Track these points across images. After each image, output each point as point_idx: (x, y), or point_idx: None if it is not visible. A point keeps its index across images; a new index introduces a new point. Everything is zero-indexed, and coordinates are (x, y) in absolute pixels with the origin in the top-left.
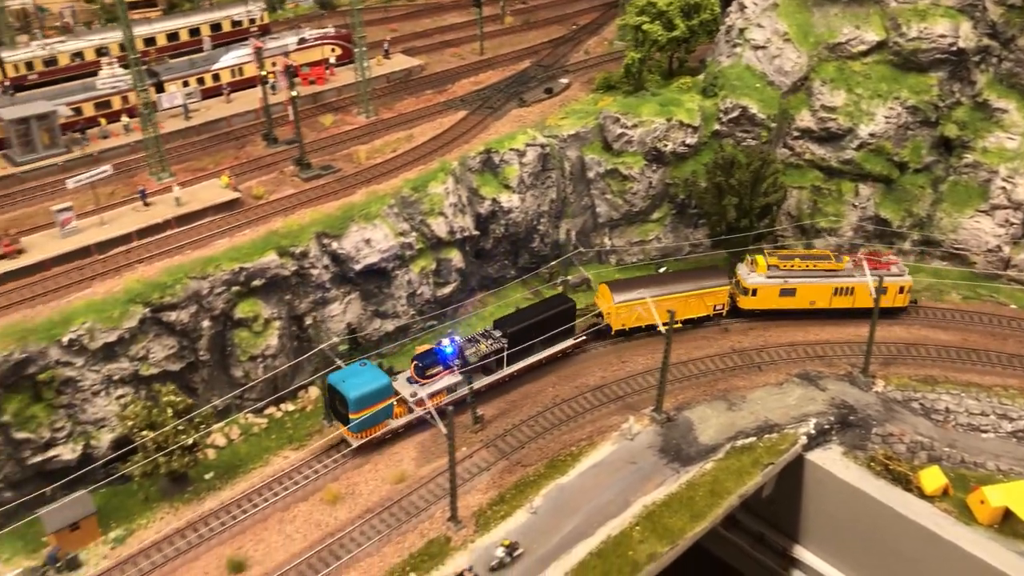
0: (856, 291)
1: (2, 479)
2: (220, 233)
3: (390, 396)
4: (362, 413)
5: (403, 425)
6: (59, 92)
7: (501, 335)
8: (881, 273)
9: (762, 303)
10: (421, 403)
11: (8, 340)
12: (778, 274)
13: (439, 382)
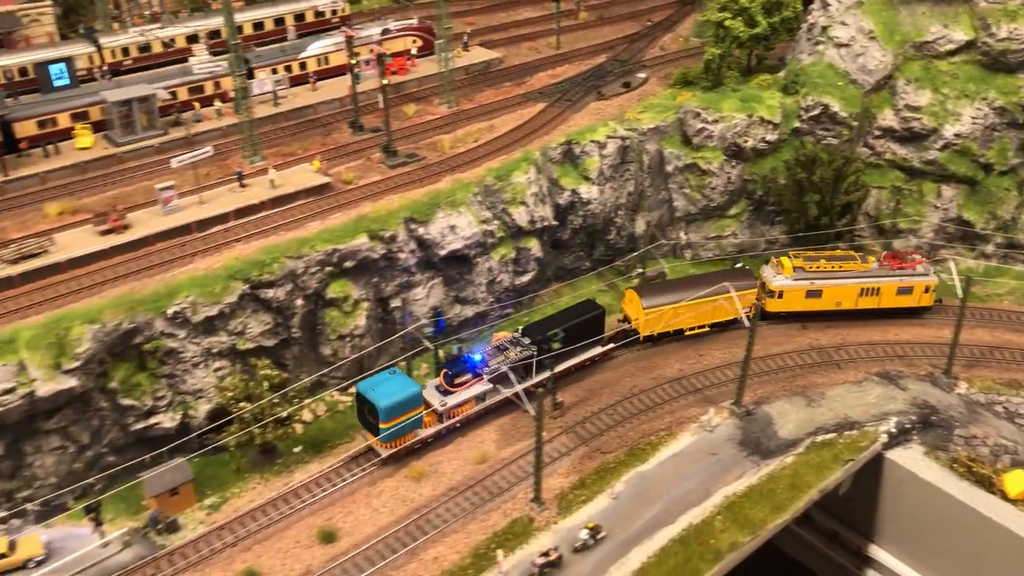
0: (882, 291)
1: (107, 444)
2: (312, 216)
3: (420, 405)
4: (392, 423)
5: (432, 435)
6: (153, 77)
7: (531, 342)
8: (907, 273)
9: (788, 305)
10: (451, 413)
11: (118, 310)
12: (804, 276)
13: (468, 391)
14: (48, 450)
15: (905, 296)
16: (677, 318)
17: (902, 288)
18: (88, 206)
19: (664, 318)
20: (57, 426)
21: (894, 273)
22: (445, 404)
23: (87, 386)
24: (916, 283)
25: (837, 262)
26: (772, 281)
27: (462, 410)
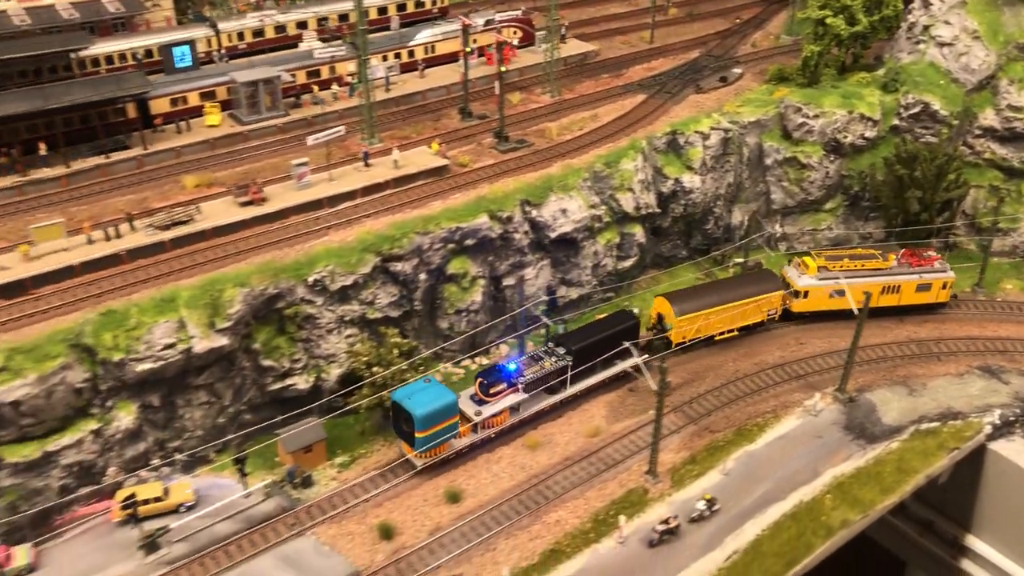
0: (902, 288)
1: (246, 402)
2: (434, 195)
3: (456, 414)
4: (428, 432)
5: (467, 446)
6: (268, 60)
7: (565, 352)
8: (926, 270)
9: (813, 305)
10: (486, 423)
11: (264, 276)
12: (828, 275)
13: (503, 401)
14: (197, 404)
15: (923, 293)
16: (708, 324)
17: (921, 285)
18: (221, 180)
19: (695, 324)
20: (205, 382)
21: (914, 270)
22: (480, 414)
23: (234, 346)
24: (935, 280)
25: (859, 260)
26: (797, 281)
27: (497, 420)
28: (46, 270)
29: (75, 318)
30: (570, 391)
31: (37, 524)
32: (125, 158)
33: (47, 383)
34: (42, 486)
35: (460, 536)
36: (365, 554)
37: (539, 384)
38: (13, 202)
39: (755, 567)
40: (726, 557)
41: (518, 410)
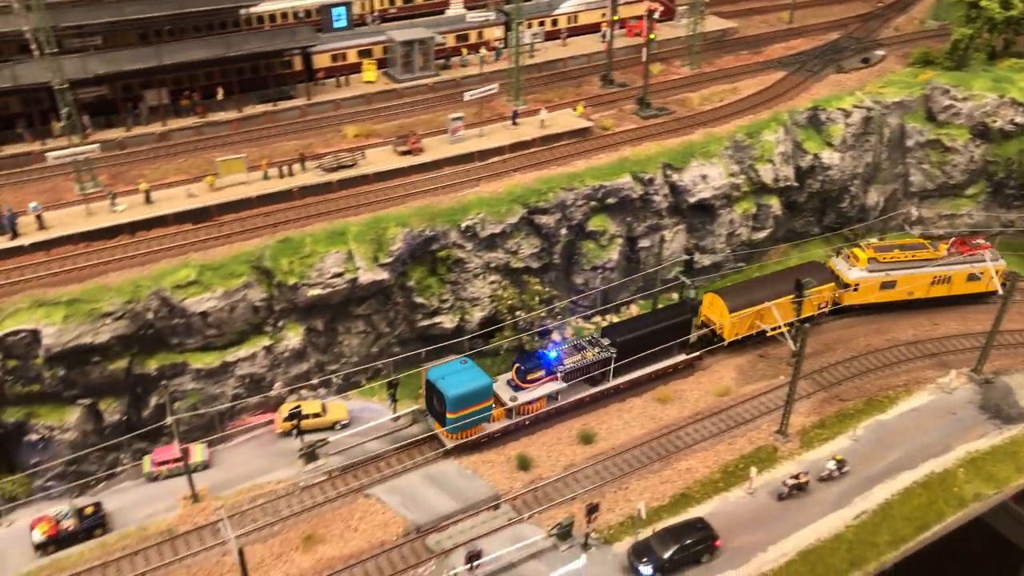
0: (953, 278)
1: (396, 335)
2: (578, 155)
3: (489, 398)
4: (460, 413)
5: (499, 431)
6: (419, 24)
7: (610, 343)
8: (977, 258)
9: (863, 297)
10: (520, 409)
11: (421, 219)
12: (879, 267)
13: (540, 388)
14: (355, 332)
15: (974, 282)
16: (761, 319)
17: (972, 275)
18: (378, 131)
19: (747, 320)
20: (364, 313)
21: (965, 259)
22: (515, 399)
23: (391, 282)
24: (985, 268)
25: (910, 251)
26: (848, 274)
27: (533, 408)
28: (228, 200)
29: (256, 243)
30: (613, 383)
31: (211, 427)
32: (290, 107)
33: (231, 298)
34: (218, 393)
35: (594, 473)
36: (504, 480)
37: (579, 374)
38: (193, 140)
39: (884, 528)
40: (855, 515)
41: (556, 398)
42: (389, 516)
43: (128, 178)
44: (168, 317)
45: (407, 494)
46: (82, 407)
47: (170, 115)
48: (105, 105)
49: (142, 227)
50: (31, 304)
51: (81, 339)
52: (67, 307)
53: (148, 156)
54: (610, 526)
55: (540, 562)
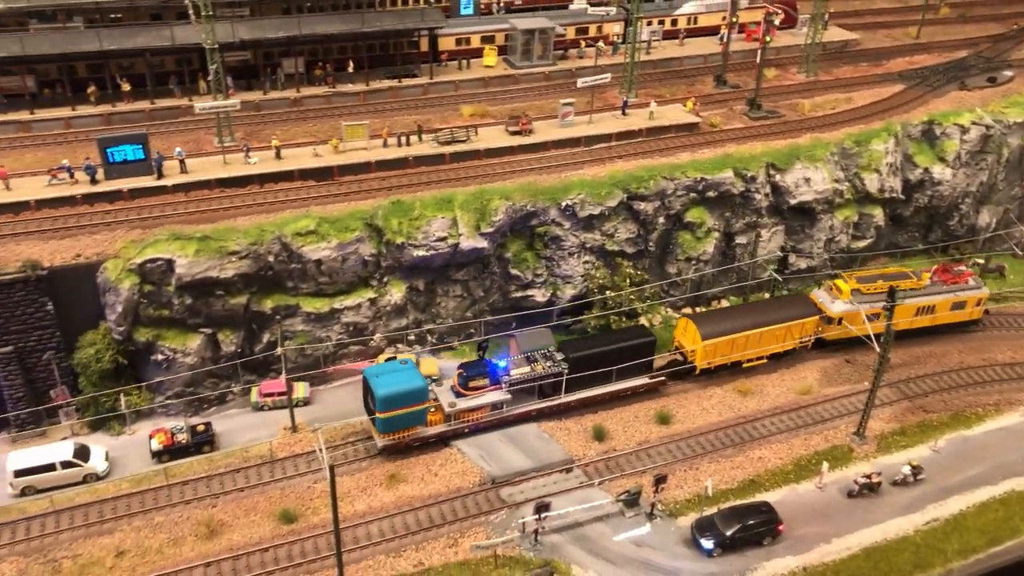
0: (937, 307)
1: (489, 303)
2: (683, 147)
3: (424, 401)
4: (390, 413)
5: (435, 436)
6: (543, 16)
7: (563, 359)
8: (960, 287)
9: (848, 331)
10: (460, 415)
11: (523, 195)
12: (863, 299)
13: (482, 397)
14: (452, 296)
15: (958, 311)
16: (735, 349)
17: (956, 303)
18: (492, 112)
19: (721, 349)
20: (462, 278)
21: (949, 288)
22: (454, 406)
23: (490, 251)
24: (969, 297)
25: (893, 281)
26: (831, 307)
27: (473, 416)
28: (349, 162)
29: (370, 203)
30: (565, 399)
31: (314, 368)
32: (413, 84)
33: (344, 250)
34: (324, 336)
35: (666, 451)
36: (579, 448)
37: (525, 387)
38: (322, 108)
39: (955, 537)
40: (926, 521)
41: (501, 408)
42: (468, 466)
43: (261, 136)
44: (287, 261)
45: (486, 448)
46: (203, 335)
47: (303, 83)
48: (247, 70)
49: (270, 179)
50: (169, 237)
51: (209, 272)
52: (199, 243)
53: (281, 119)
54: (676, 501)
55: (605, 525)
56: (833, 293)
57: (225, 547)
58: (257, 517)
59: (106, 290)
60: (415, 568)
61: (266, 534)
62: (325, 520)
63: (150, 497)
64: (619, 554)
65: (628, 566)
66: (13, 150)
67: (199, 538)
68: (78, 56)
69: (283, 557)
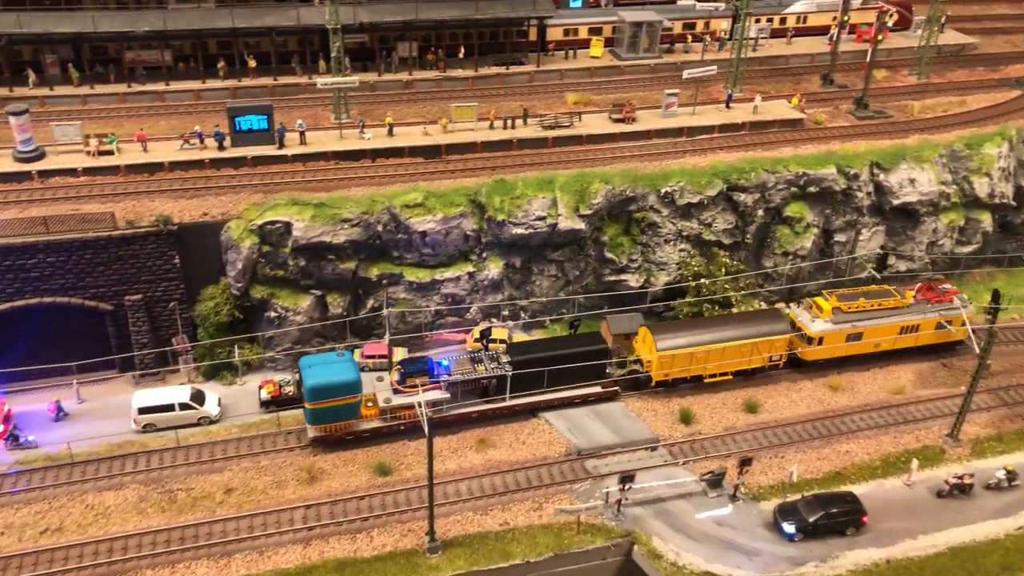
0: (921, 327)
1: (583, 285)
2: (786, 142)
3: (356, 395)
4: (319, 404)
5: (370, 431)
6: (651, 10)
7: (508, 361)
8: (945, 306)
9: (828, 352)
10: (397, 412)
11: (623, 180)
12: (844, 318)
13: (420, 395)
14: (546, 275)
15: (943, 331)
16: (696, 362)
17: (941, 323)
18: (595, 101)
19: (680, 362)
20: (558, 259)
21: (933, 307)
22: (389, 401)
23: (587, 233)
24: (954, 316)
25: (875, 299)
26: (811, 326)
27: (411, 413)
28: (456, 142)
29: (475, 181)
30: (511, 402)
31: (412, 334)
32: (520, 72)
33: (448, 224)
34: (423, 306)
35: (752, 438)
36: (664, 428)
37: (467, 387)
38: (431, 91)
39: None
40: (1018, 526)
41: (441, 407)
42: (554, 437)
43: (374, 115)
44: (394, 231)
45: (573, 422)
46: (313, 296)
47: (415, 67)
48: (363, 52)
49: (382, 155)
50: (288, 202)
51: (322, 237)
52: (315, 209)
53: (392, 99)
54: (760, 486)
55: (687, 503)
56: (813, 311)
57: (324, 492)
58: (354, 468)
59: (228, 248)
60: (500, 526)
61: (362, 484)
62: (418, 475)
63: (258, 442)
64: (700, 531)
65: (708, 542)
66: (150, 117)
67: (300, 482)
68: (211, 33)
69: (377, 506)
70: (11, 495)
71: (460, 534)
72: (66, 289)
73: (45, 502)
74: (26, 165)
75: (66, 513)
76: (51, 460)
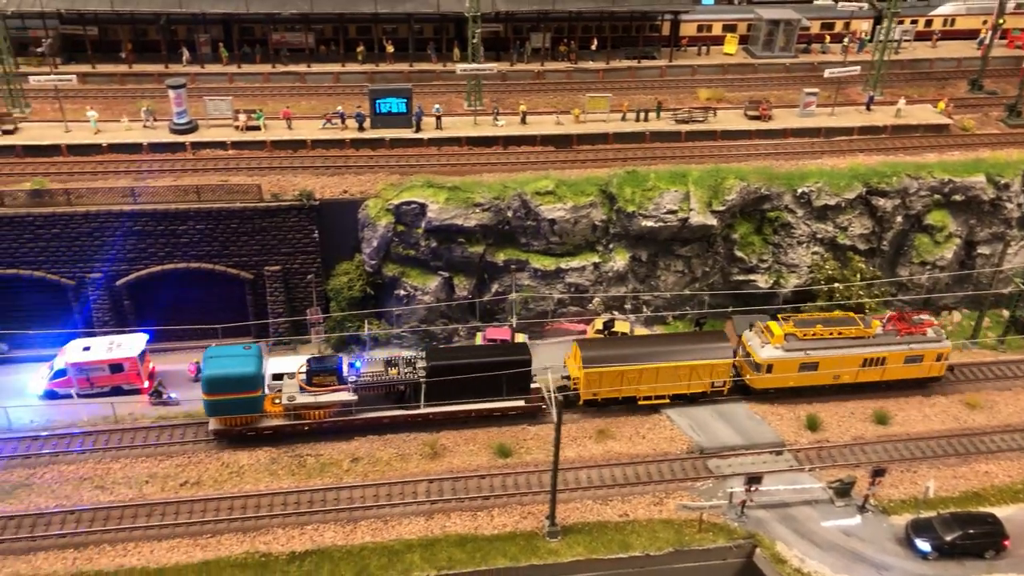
0: (888, 360)
1: (709, 283)
2: (930, 147)
3: (256, 389)
4: (215, 397)
5: (273, 428)
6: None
7: (423, 367)
8: (917, 339)
9: (779, 381)
10: (300, 411)
11: (759, 178)
12: (798, 345)
13: (326, 395)
14: (672, 271)
15: (913, 366)
16: (627, 382)
17: (911, 357)
18: (728, 98)
19: (609, 380)
20: (685, 254)
21: (903, 340)
22: (293, 399)
23: (718, 230)
24: (927, 351)
25: (835, 327)
26: (760, 352)
27: (317, 414)
28: (588, 132)
29: (606, 171)
30: (424, 410)
31: (533, 321)
32: (651, 66)
33: (577, 213)
34: (547, 294)
35: (882, 450)
36: (790, 433)
37: (376, 390)
38: (562, 82)
39: None
40: None
41: (350, 409)
42: (676, 434)
43: (505, 104)
44: (523, 218)
45: (696, 420)
46: (441, 278)
47: (547, 58)
48: (497, 42)
49: (514, 142)
50: (424, 184)
51: (454, 220)
52: (449, 192)
53: (523, 89)
54: (891, 500)
55: (814, 510)
56: (764, 336)
57: (446, 468)
58: (475, 447)
59: (364, 226)
60: (620, 517)
61: (483, 463)
62: (537, 460)
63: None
64: (826, 539)
65: (835, 552)
66: (291, 97)
67: (423, 457)
68: (352, 18)
69: (498, 486)
70: (155, 447)
71: (579, 521)
72: (211, 256)
73: (184, 456)
74: (180, 136)
75: (203, 468)
76: (189, 417)
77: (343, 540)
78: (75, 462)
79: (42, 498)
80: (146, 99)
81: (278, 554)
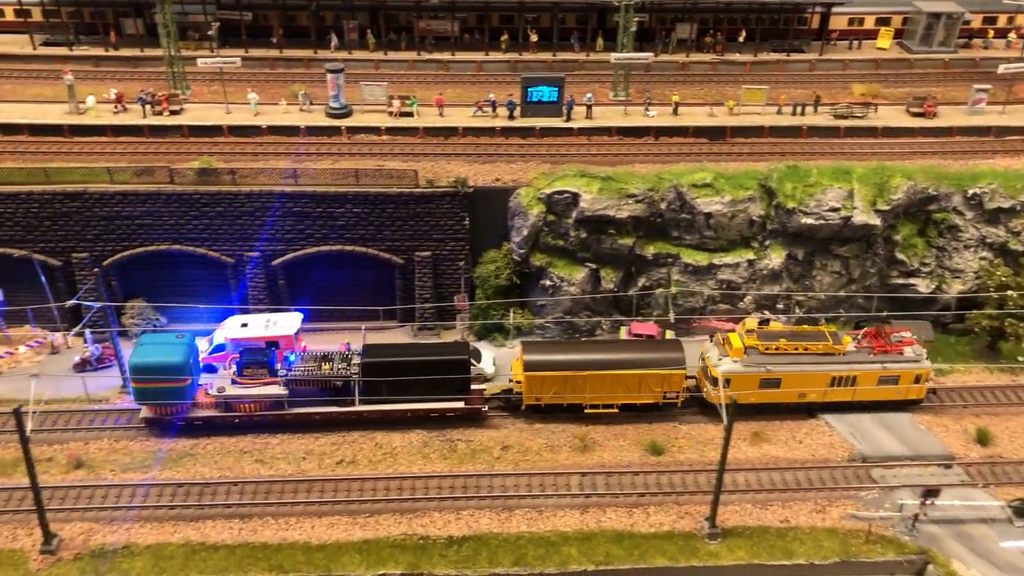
0: (859, 380)
1: (865, 286)
2: None
3: (183, 379)
4: (143, 384)
5: (204, 419)
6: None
7: (357, 363)
8: (892, 358)
9: (737, 397)
10: (230, 403)
11: (925, 178)
12: (759, 360)
13: (256, 388)
14: (829, 271)
15: (888, 387)
16: (572, 389)
17: (885, 377)
18: (884, 94)
19: (551, 386)
20: (843, 254)
21: (877, 359)
22: (222, 391)
23: (880, 230)
24: (904, 371)
25: (801, 342)
26: (716, 365)
27: (248, 407)
28: (742, 124)
29: (764, 165)
30: (360, 408)
31: (681, 316)
32: (800, 59)
33: (735, 207)
34: (697, 291)
35: None
36: (958, 447)
37: (307, 386)
38: (708, 74)
39: None
40: None
41: (283, 405)
42: (835, 440)
43: (651, 94)
44: (677, 211)
45: (856, 427)
46: (588, 269)
47: (692, 49)
48: (642, 32)
49: (666, 133)
50: (576, 173)
51: (607, 211)
52: (602, 182)
53: (668, 80)
54: None
55: (990, 528)
56: (724, 348)
57: (597, 462)
58: (625, 443)
59: (515, 214)
60: (781, 523)
61: (635, 459)
62: (690, 459)
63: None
64: (1007, 561)
65: (1016, 575)
66: (435, 84)
67: (573, 449)
68: (496, 6)
69: (652, 484)
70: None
71: (739, 525)
72: (365, 240)
73: (339, 435)
74: (336, 121)
75: (358, 448)
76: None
77: (499, 528)
78: (234, 435)
79: (206, 468)
80: (296, 83)
81: (435, 537)
